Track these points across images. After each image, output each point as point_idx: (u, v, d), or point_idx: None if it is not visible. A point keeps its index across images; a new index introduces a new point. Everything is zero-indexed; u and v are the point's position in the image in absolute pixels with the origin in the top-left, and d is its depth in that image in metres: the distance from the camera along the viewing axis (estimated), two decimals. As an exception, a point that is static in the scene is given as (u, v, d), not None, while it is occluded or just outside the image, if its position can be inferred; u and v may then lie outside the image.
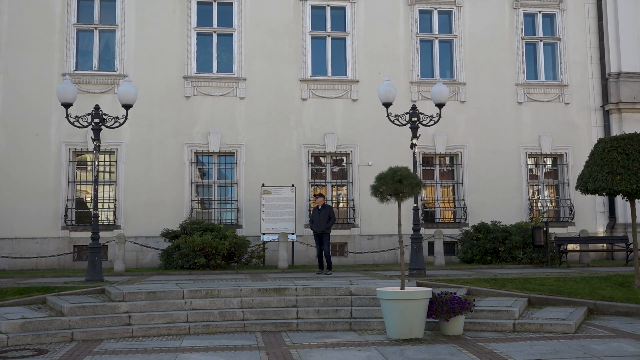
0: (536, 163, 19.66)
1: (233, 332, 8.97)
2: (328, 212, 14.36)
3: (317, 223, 14.32)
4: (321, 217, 14.30)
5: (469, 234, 17.51)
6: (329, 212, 14.38)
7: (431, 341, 8.09)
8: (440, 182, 19.14)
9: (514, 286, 10.90)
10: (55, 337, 8.41)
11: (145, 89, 17.43)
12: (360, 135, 18.46)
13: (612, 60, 19.50)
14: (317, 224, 14.32)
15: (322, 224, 14.25)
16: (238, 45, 18.44)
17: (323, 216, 14.30)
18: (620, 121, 19.12)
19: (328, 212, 14.36)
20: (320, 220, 14.28)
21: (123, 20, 18.08)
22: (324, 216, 14.29)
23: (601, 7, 19.79)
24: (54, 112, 17.27)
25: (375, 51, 18.84)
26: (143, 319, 9.14)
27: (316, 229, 14.34)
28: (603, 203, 19.22)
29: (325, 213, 14.33)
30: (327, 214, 14.32)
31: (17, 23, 17.67)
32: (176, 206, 17.63)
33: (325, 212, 14.35)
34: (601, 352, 7.26)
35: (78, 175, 17.90)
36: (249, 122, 18.20)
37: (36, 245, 17.09)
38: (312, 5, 18.84)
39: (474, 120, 18.98)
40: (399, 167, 8.86)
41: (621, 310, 9.76)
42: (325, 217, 14.28)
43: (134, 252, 17.24)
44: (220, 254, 15.79)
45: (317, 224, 14.30)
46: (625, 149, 10.93)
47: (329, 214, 14.35)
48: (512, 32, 19.49)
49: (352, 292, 10.22)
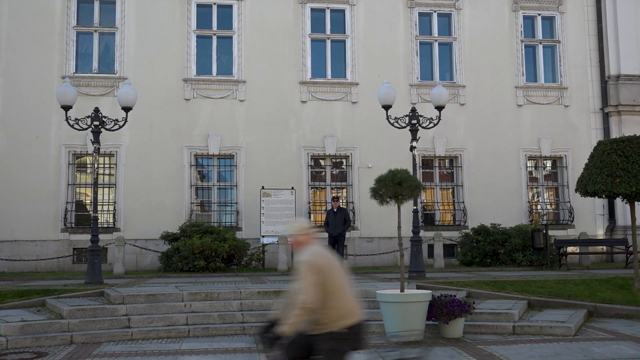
0: (536, 165, 19.67)
1: (232, 334, 8.98)
2: (344, 215, 14.60)
3: (332, 226, 14.55)
4: (337, 220, 14.55)
5: (468, 237, 17.51)
6: (344, 215, 14.63)
7: (431, 344, 8.08)
8: (439, 185, 19.14)
9: (514, 289, 10.90)
10: (55, 340, 8.41)
11: (145, 91, 17.44)
12: (360, 138, 18.46)
13: (611, 63, 19.52)
14: (333, 227, 14.55)
15: (338, 226, 14.50)
16: (238, 47, 18.45)
17: (339, 219, 14.56)
18: (619, 124, 19.13)
19: (344, 215, 14.60)
20: (337, 223, 14.52)
21: (123, 23, 18.09)
22: (340, 219, 14.55)
23: (600, 9, 19.81)
24: (54, 114, 17.28)
25: (375, 54, 18.85)
26: (143, 322, 9.13)
27: (332, 231, 14.55)
28: (603, 205, 19.22)
29: (341, 216, 14.59)
30: (343, 217, 14.57)
31: (17, 25, 17.68)
32: (176, 209, 17.62)
33: (341, 214, 14.61)
34: (601, 355, 7.26)
35: (78, 177, 17.90)
36: (248, 124, 18.20)
37: (36, 247, 17.08)
38: (311, 8, 18.86)
39: (474, 123, 18.99)
40: (399, 169, 8.87)
41: (621, 312, 9.76)
42: (341, 220, 14.55)
43: (133, 254, 17.23)
44: (219, 257, 15.78)
45: (334, 227, 14.53)
46: (625, 152, 10.94)
47: (345, 217, 14.59)
48: (511, 34, 19.51)
49: (351, 295, 10.19)
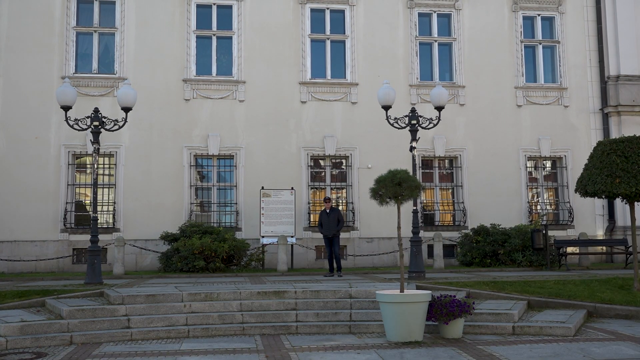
0: (535, 166, 19.67)
1: (232, 335, 8.97)
2: (337, 216, 14.59)
3: (326, 227, 14.55)
4: (330, 221, 14.53)
5: (468, 237, 17.51)
6: (337, 215, 14.61)
7: (431, 344, 8.08)
8: (439, 185, 19.15)
9: (514, 289, 10.89)
10: (54, 340, 8.40)
11: (145, 91, 17.44)
12: (360, 138, 18.46)
13: (611, 63, 19.52)
14: (327, 228, 14.54)
15: (332, 227, 14.49)
16: (237, 48, 18.45)
17: (332, 220, 14.54)
18: (619, 124, 19.13)
19: (337, 216, 14.59)
20: (330, 223, 14.51)
21: (122, 23, 18.09)
22: (334, 220, 14.53)
23: (600, 10, 19.82)
24: (54, 114, 17.28)
25: (375, 54, 18.86)
26: (142, 322, 9.12)
27: (327, 232, 14.56)
28: (602, 206, 19.22)
29: (334, 216, 14.56)
30: (336, 217, 14.56)
31: (17, 26, 17.67)
32: (175, 209, 17.62)
33: (334, 215, 14.59)
34: (601, 355, 7.25)
35: (77, 178, 17.90)
36: (248, 125, 18.20)
37: (35, 248, 17.07)
38: (311, 8, 18.86)
39: (474, 123, 18.99)
40: (399, 169, 8.85)
41: (621, 313, 9.75)
42: (334, 221, 14.52)
43: (133, 255, 17.23)
44: (219, 257, 15.79)
45: (327, 228, 14.53)
46: (625, 152, 10.94)
47: (338, 217, 14.58)
48: (511, 35, 19.52)
49: (351, 295, 10.20)
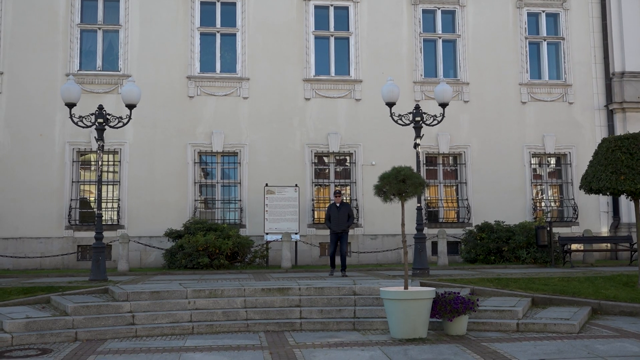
0: (540, 163, 19.62)
1: (236, 331, 8.98)
2: (348, 211, 13.67)
3: (336, 222, 13.60)
4: (340, 216, 13.60)
5: (472, 234, 17.49)
6: (348, 210, 13.70)
7: (435, 341, 8.08)
8: (443, 182, 19.12)
9: (518, 286, 10.88)
10: (59, 337, 8.43)
11: (149, 89, 17.45)
12: (364, 135, 18.45)
13: (616, 60, 19.44)
14: (336, 223, 13.59)
15: (342, 222, 13.58)
16: (241, 45, 18.45)
17: (342, 215, 13.61)
18: (624, 120, 19.07)
19: (348, 211, 13.67)
20: (340, 218, 13.59)
21: (127, 21, 18.11)
22: (344, 215, 13.61)
23: (605, 6, 19.74)
24: (58, 112, 17.32)
25: (379, 51, 18.83)
26: (147, 319, 9.15)
27: (336, 228, 13.59)
28: (607, 203, 19.17)
29: (345, 211, 13.64)
30: (347, 212, 13.64)
31: (21, 23, 17.71)
32: (180, 206, 17.65)
33: (345, 210, 13.66)
34: (605, 352, 7.24)
35: (82, 175, 17.94)
36: (252, 122, 18.21)
37: (40, 245, 17.13)
38: (315, 5, 18.84)
39: (478, 120, 18.96)
40: (403, 166, 8.85)
41: (625, 310, 9.73)
42: (345, 216, 13.61)
43: (137, 251, 17.27)
44: (223, 254, 15.82)
45: (337, 223, 13.59)
46: (630, 149, 10.90)
47: (349, 212, 13.67)
48: (515, 31, 19.46)
49: (355, 292, 10.21)
